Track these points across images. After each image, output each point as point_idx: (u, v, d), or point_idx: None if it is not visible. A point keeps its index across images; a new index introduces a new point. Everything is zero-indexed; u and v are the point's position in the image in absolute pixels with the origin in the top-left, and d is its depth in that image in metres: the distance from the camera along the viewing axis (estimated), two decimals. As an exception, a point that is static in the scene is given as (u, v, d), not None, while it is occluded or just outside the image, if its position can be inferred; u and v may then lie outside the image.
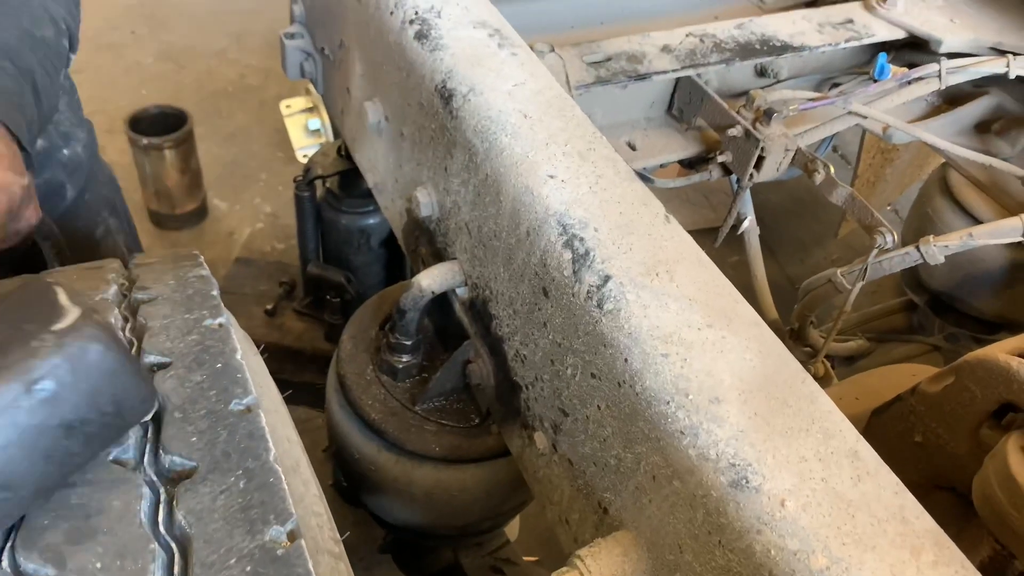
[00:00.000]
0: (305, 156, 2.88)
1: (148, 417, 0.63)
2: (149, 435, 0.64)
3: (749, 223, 1.55)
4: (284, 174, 3.09)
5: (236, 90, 3.53)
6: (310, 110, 3.11)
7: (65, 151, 1.34)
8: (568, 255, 0.82)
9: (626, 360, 0.75)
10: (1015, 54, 1.39)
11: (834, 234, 2.72)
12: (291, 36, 1.47)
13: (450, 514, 1.23)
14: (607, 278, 0.79)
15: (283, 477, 0.61)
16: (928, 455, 1.12)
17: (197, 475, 0.60)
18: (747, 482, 0.65)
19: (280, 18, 1.52)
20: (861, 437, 0.69)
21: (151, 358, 0.69)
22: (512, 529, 1.56)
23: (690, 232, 0.89)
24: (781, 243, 2.90)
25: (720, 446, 0.67)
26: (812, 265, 2.82)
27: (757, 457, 0.66)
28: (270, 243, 2.87)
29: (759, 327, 0.77)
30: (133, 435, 0.63)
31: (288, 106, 3.13)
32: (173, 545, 0.56)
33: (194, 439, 0.63)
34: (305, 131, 3.08)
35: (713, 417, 0.69)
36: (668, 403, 0.71)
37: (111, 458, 0.60)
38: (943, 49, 1.42)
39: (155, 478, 0.60)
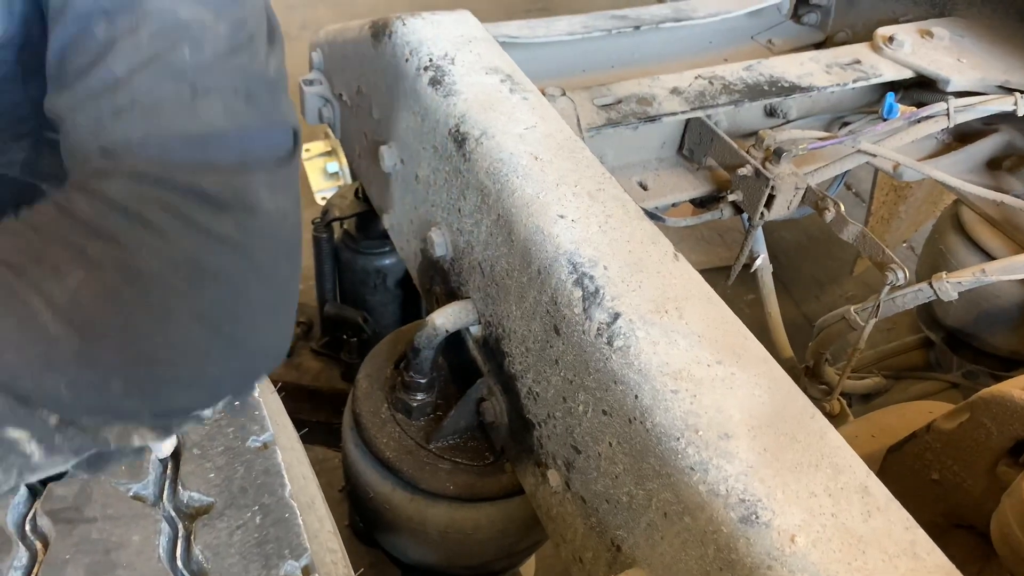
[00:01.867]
0: (324, 199, 2.92)
1: None
2: (168, 471, 0.65)
3: (762, 261, 1.56)
4: (303, 216, 3.15)
5: (256, 134, 3.62)
6: (328, 154, 3.16)
7: None
8: (578, 293, 0.83)
9: (636, 397, 0.76)
10: (1023, 92, 1.41)
11: (849, 271, 2.72)
12: (310, 83, 1.52)
13: (465, 553, 1.23)
14: (617, 315, 0.80)
15: (298, 513, 0.62)
16: (946, 493, 1.11)
17: (214, 510, 0.61)
18: (757, 518, 0.65)
19: (299, 64, 1.56)
20: (871, 472, 0.70)
21: (171, 396, 0.71)
22: (528, 568, 1.55)
23: (705, 270, 0.91)
24: (797, 281, 2.89)
25: (730, 482, 0.68)
26: (828, 302, 2.81)
27: (767, 493, 0.67)
28: (288, 284, 2.91)
29: (768, 363, 0.77)
30: (153, 471, 0.64)
31: (307, 150, 3.19)
32: (190, 579, 0.57)
33: (212, 475, 0.64)
34: (324, 174, 3.14)
35: (723, 453, 0.70)
36: (678, 439, 0.72)
37: (131, 494, 0.62)
38: (951, 88, 1.44)
39: (174, 513, 0.62)
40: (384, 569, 1.51)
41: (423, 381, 1.17)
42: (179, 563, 0.58)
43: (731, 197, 1.34)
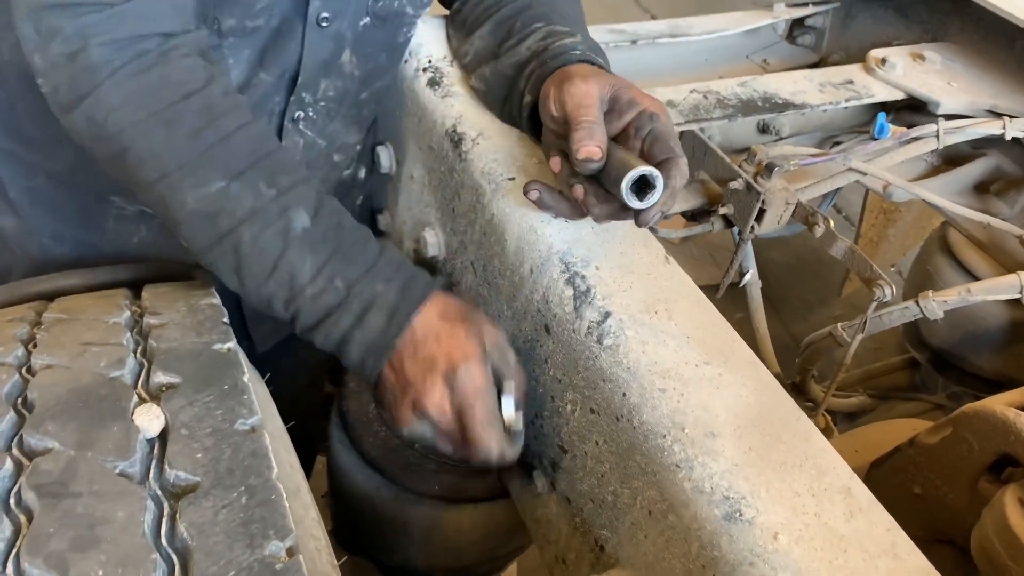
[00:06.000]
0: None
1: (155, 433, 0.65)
2: (155, 451, 0.65)
3: (751, 276, 1.57)
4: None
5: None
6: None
7: None
8: (570, 292, 0.84)
9: (624, 394, 0.77)
10: (1011, 116, 1.43)
11: (837, 293, 2.73)
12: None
13: (447, 556, 1.22)
14: (607, 314, 0.81)
15: (284, 495, 0.62)
16: (928, 508, 1.11)
17: (200, 490, 0.61)
18: (741, 515, 0.66)
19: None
20: (854, 474, 0.70)
21: (160, 378, 0.71)
22: (509, 575, 1.54)
23: (694, 287, 0.91)
24: (785, 301, 2.91)
25: (715, 479, 0.68)
26: (816, 323, 2.81)
27: (751, 491, 0.67)
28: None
29: (755, 366, 0.78)
30: (140, 450, 0.64)
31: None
32: (174, 556, 0.57)
33: (199, 455, 0.64)
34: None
35: (708, 451, 0.70)
36: (665, 436, 0.72)
37: (118, 471, 0.62)
38: (941, 111, 1.46)
39: (159, 492, 0.62)
40: (365, 574, 1.50)
41: (412, 381, 1.17)
42: (163, 540, 0.58)
43: (722, 210, 1.35)
